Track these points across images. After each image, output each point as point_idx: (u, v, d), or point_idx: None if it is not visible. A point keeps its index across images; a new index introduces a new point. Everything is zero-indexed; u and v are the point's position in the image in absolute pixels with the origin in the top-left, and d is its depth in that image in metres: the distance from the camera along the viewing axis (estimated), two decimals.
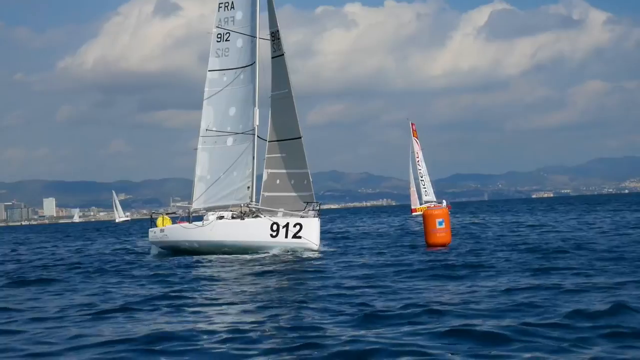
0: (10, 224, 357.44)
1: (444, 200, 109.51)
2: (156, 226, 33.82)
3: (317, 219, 29.61)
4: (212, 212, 31.94)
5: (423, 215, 29.99)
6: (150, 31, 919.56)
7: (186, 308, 15.35)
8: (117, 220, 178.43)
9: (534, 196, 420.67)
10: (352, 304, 14.76)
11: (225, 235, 30.66)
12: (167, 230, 33.16)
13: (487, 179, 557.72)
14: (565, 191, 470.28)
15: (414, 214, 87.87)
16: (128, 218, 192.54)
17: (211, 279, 21.25)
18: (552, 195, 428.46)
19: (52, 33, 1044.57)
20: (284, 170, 31.03)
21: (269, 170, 31.24)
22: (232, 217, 31.37)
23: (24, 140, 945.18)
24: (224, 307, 15.29)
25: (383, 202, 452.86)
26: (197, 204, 33.24)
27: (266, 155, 31.33)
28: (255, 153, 31.98)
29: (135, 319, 14.42)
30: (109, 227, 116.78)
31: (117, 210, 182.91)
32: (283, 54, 30.87)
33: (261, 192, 31.43)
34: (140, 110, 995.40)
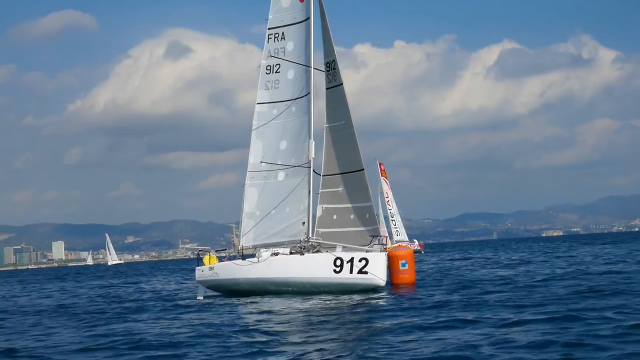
0: (19, 267, 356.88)
1: (415, 240, 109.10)
2: (203, 264, 32.00)
3: (384, 253, 28.17)
4: (264, 249, 30.28)
5: (387, 256, 29.61)
6: (160, 73, 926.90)
7: None
8: (109, 263, 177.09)
9: (543, 235, 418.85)
10: None
11: (284, 272, 29.00)
12: (217, 268, 31.27)
13: (496, 218, 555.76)
14: (575, 229, 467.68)
15: None
16: (121, 261, 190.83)
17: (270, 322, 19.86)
18: (561, 233, 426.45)
19: (63, 76, 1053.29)
20: (343, 205, 29.67)
21: (324, 206, 29.92)
22: (291, 253, 29.63)
23: (33, 184, 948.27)
24: None
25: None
26: (245, 242, 31.61)
27: (320, 190, 29.97)
28: (311, 187, 30.48)
29: None
30: (127, 269, 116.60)
31: (109, 253, 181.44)
32: (341, 84, 29.71)
33: (315, 229, 29.99)
34: (150, 152, 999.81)
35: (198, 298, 31.21)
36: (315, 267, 28.33)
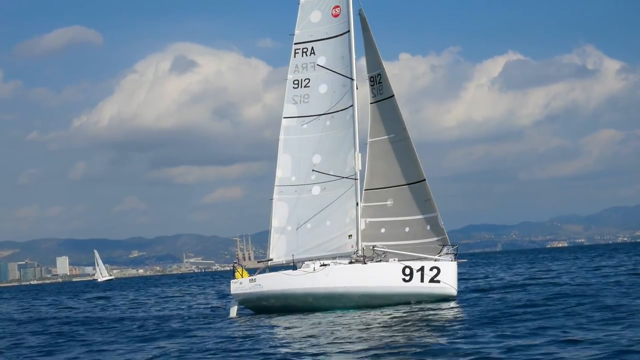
0: (23, 283, 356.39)
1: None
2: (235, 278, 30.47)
3: (454, 262, 27.81)
4: (309, 262, 29.28)
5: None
6: (165, 88, 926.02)
7: None
8: (99, 280, 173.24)
9: (548, 246, 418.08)
10: None
11: (345, 282, 27.95)
12: (261, 279, 29.77)
13: (500, 230, 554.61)
14: (580, 240, 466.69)
15: None
16: (112, 277, 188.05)
17: None
18: (566, 244, 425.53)
19: (69, 92, 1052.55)
20: (394, 218, 29.11)
21: (368, 219, 29.40)
22: (350, 263, 28.71)
23: (38, 199, 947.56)
24: None
25: None
26: (276, 256, 30.57)
27: (363, 204, 29.46)
28: (360, 199, 29.70)
29: None
30: (139, 283, 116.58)
31: (99, 269, 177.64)
32: (392, 96, 29.33)
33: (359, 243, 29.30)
34: (154, 166, 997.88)
35: (231, 316, 30.12)
36: (383, 276, 27.70)
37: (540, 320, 20.90)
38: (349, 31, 30.33)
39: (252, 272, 30.89)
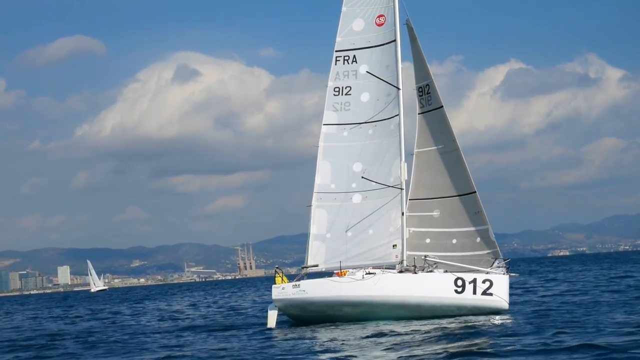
0: (25, 292, 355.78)
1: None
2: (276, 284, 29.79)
3: (507, 276, 27.61)
4: (355, 270, 28.86)
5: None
6: (168, 97, 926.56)
7: None
8: (92, 290, 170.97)
9: (549, 255, 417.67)
10: None
11: (395, 291, 27.62)
12: (305, 285, 29.17)
13: (502, 238, 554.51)
14: (581, 249, 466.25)
15: None
16: (105, 287, 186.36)
17: None
18: (568, 253, 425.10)
19: (71, 101, 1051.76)
20: (440, 229, 28.88)
21: (412, 229, 29.16)
22: (400, 272, 28.46)
23: (40, 208, 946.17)
24: None
25: None
26: (314, 264, 30.06)
27: (407, 214, 29.23)
28: (405, 209, 29.44)
29: None
30: (152, 292, 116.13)
31: (92, 279, 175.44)
32: (441, 107, 29.20)
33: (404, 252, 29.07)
34: (156, 176, 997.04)
35: (269, 325, 29.43)
36: (434, 287, 27.41)
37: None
38: (394, 40, 30.12)
39: (291, 278, 30.56)
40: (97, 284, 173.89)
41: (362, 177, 29.89)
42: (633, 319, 23.37)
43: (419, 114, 29.77)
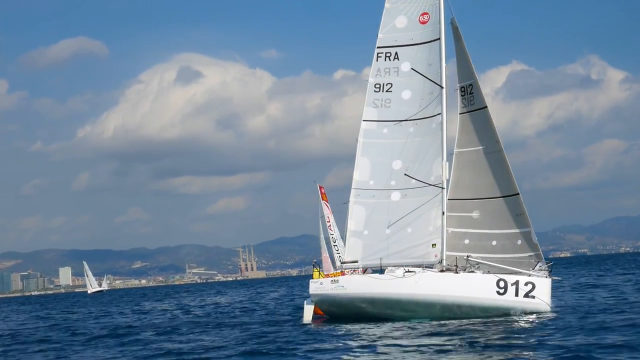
0: (26, 293, 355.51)
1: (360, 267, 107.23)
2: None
3: (549, 279, 27.40)
4: (394, 267, 28.60)
5: None
6: (170, 98, 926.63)
7: None
8: (89, 292, 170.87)
9: (550, 256, 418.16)
10: None
11: (436, 290, 27.37)
12: (344, 281, 28.92)
13: None
14: (582, 251, 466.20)
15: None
16: (102, 289, 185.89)
17: None
18: (569, 255, 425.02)
19: (74, 102, 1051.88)
20: (480, 230, 28.71)
21: (451, 230, 28.94)
22: (441, 271, 28.18)
23: (41, 210, 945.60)
24: None
25: None
26: (350, 262, 29.77)
27: (448, 213, 28.94)
28: (445, 208, 29.13)
29: None
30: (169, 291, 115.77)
31: (89, 280, 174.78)
32: (484, 107, 28.93)
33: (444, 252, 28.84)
34: (157, 177, 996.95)
35: (305, 321, 29.47)
36: (476, 287, 27.21)
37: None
38: (439, 38, 29.88)
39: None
40: (93, 285, 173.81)
41: (405, 175, 29.65)
42: None
43: (460, 114, 29.54)
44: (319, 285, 29.47)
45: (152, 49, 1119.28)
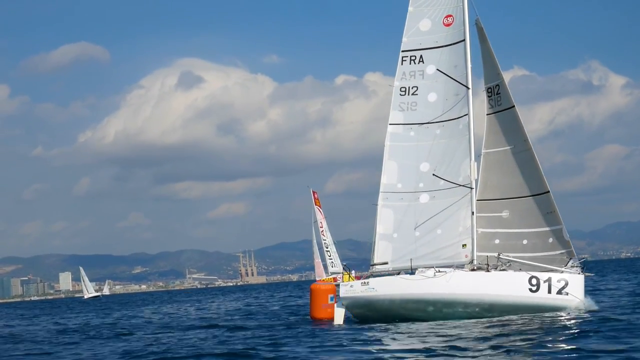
0: (26, 298, 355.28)
1: (353, 271, 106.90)
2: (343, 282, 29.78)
3: (582, 275, 27.46)
4: (423, 268, 28.65)
5: (314, 290, 29.82)
6: (171, 103, 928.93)
7: None
8: (85, 297, 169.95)
9: None
10: None
11: (468, 289, 27.46)
12: (374, 282, 28.94)
13: None
14: (583, 256, 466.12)
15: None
16: (99, 294, 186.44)
17: None
18: None
19: (75, 107, 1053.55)
20: (510, 230, 28.68)
21: (481, 230, 28.95)
22: (472, 270, 28.28)
23: (42, 215, 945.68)
24: None
25: None
26: (380, 264, 29.73)
27: (477, 214, 28.94)
28: (474, 208, 29.17)
29: None
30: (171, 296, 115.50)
31: (85, 285, 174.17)
32: (512, 107, 29.10)
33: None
34: (158, 182, 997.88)
35: (336, 322, 29.52)
36: (509, 285, 27.23)
37: None
38: (464, 40, 30.02)
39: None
40: (89, 291, 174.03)
41: (433, 175, 29.78)
42: None
43: (487, 114, 29.67)
44: (350, 288, 29.44)
45: (154, 54, 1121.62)
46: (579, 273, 27.59)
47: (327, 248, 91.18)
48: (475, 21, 30.07)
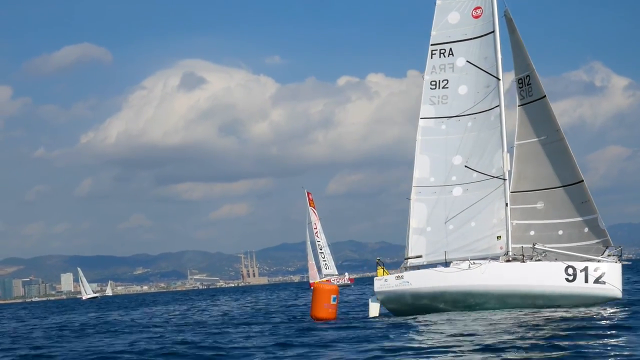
0: (27, 299, 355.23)
1: (345, 274, 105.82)
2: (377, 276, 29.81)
3: (619, 264, 27.22)
4: (458, 261, 28.69)
5: (317, 289, 29.65)
6: (173, 104, 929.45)
7: None
8: (84, 298, 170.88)
9: None
10: None
11: (504, 280, 27.38)
12: (409, 276, 29.04)
13: None
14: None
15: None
16: (97, 295, 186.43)
17: None
18: None
19: (77, 108, 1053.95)
20: (545, 221, 28.62)
21: (515, 222, 28.90)
22: (507, 261, 28.18)
23: (44, 216, 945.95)
24: None
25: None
26: (414, 258, 29.78)
27: (511, 206, 28.88)
28: (508, 200, 29.11)
29: None
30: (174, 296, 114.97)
31: (83, 286, 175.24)
32: (543, 97, 28.94)
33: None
34: (160, 183, 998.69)
35: (371, 315, 29.57)
36: (545, 275, 27.13)
37: None
38: (493, 31, 29.94)
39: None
40: (88, 292, 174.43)
41: (465, 167, 29.74)
42: None
43: (519, 106, 29.62)
44: (384, 283, 29.49)
45: (156, 55, 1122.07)
46: (615, 262, 27.37)
47: (321, 250, 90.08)
48: (504, 12, 30.07)
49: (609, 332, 19.62)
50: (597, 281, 26.80)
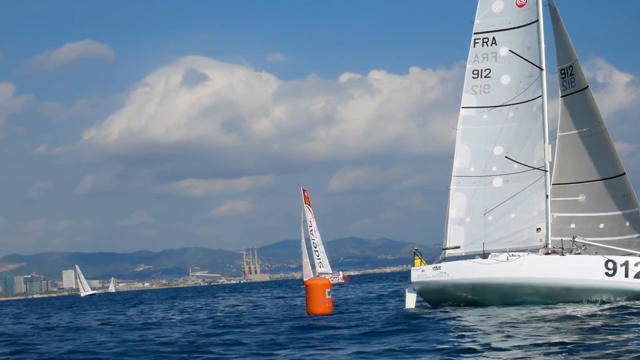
0: (29, 296, 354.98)
1: (340, 272, 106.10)
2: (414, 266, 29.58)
3: None
4: (496, 252, 28.37)
5: (311, 285, 29.57)
6: (175, 101, 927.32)
7: None
8: (82, 295, 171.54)
9: None
10: None
11: (542, 273, 26.96)
12: (446, 267, 28.69)
13: None
14: None
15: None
16: (94, 292, 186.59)
17: None
18: None
19: (79, 105, 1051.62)
20: (587, 214, 28.32)
21: (556, 214, 28.56)
22: (546, 254, 27.82)
23: (46, 213, 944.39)
24: None
25: (403, 267, 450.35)
26: (453, 249, 29.38)
27: (552, 198, 28.50)
28: (549, 191, 28.77)
29: None
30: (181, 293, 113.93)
31: (81, 283, 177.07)
32: (586, 87, 28.65)
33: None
34: (162, 180, 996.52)
35: (407, 307, 29.51)
36: (584, 269, 26.71)
37: None
38: (537, 21, 29.55)
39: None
40: (86, 289, 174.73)
41: (506, 157, 29.39)
42: None
43: (561, 96, 29.28)
44: (421, 273, 29.22)
45: (158, 52, 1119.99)
46: None
47: (315, 248, 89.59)
48: (547, 1, 29.70)
49: None
50: (637, 276, 26.38)
